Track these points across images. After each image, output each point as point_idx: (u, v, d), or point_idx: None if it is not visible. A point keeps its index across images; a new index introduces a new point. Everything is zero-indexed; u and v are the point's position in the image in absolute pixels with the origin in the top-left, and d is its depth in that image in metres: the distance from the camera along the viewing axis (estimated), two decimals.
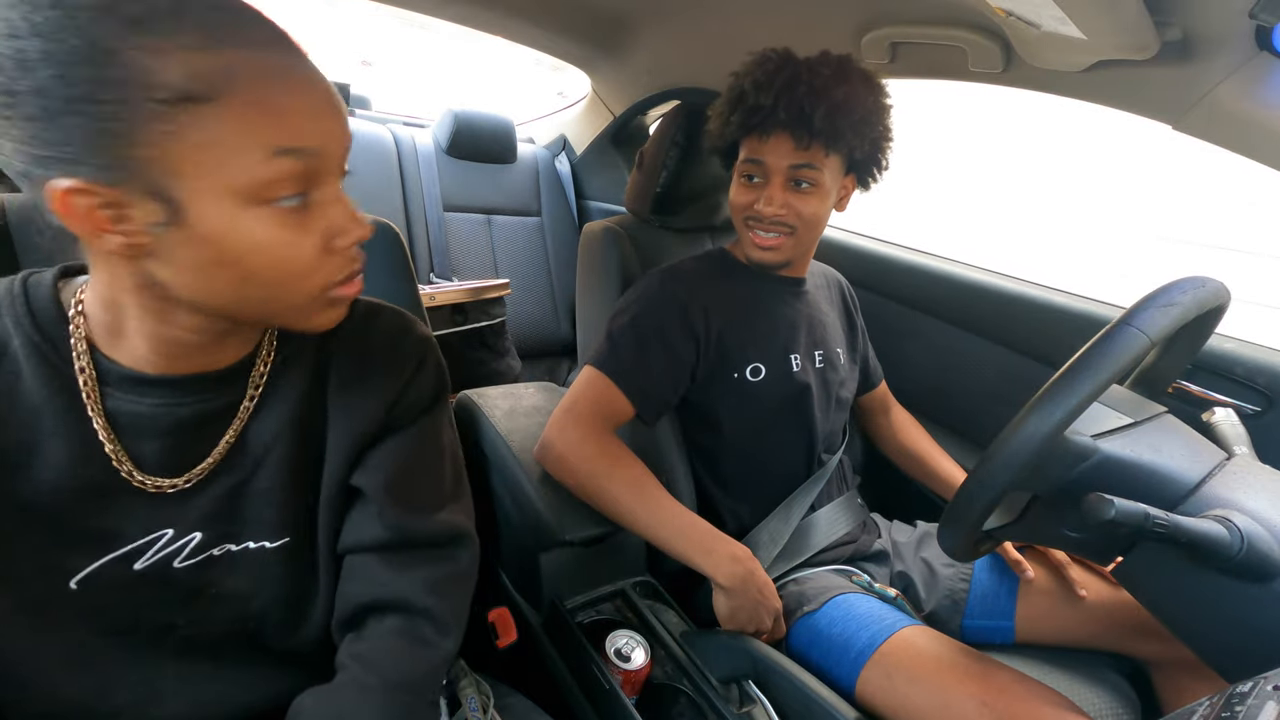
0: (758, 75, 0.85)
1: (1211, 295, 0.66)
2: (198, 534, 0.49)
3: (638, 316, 0.90)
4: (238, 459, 0.50)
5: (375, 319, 0.57)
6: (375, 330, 0.56)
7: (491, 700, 0.66)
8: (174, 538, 0.48)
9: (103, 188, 0.37)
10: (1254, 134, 0.76)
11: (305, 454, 0.53)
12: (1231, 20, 0.67)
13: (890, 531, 1.05)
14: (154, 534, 0.47)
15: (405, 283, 0.87)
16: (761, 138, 0.86)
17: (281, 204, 0.40)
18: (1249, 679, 0.42)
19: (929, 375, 1.30)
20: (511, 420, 1.03)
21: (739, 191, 0.91)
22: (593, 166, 2.03)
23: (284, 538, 0.52)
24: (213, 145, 0.37)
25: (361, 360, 0.55)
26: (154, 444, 0.47)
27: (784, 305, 0.98)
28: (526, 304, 1.94)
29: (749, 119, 0.86)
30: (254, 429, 0.50)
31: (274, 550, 0.52)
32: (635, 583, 0.92)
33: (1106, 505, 0.51)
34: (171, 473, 0.48)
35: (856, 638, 0.80)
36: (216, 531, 0.50)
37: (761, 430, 0.95)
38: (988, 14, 0.80)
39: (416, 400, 0.57)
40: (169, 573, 0.48)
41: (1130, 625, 0.85)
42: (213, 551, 0.50)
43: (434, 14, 1.57)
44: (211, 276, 0.41)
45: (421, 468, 0.58)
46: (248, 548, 0.51)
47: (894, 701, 0.75)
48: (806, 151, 0.84)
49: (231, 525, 0.50)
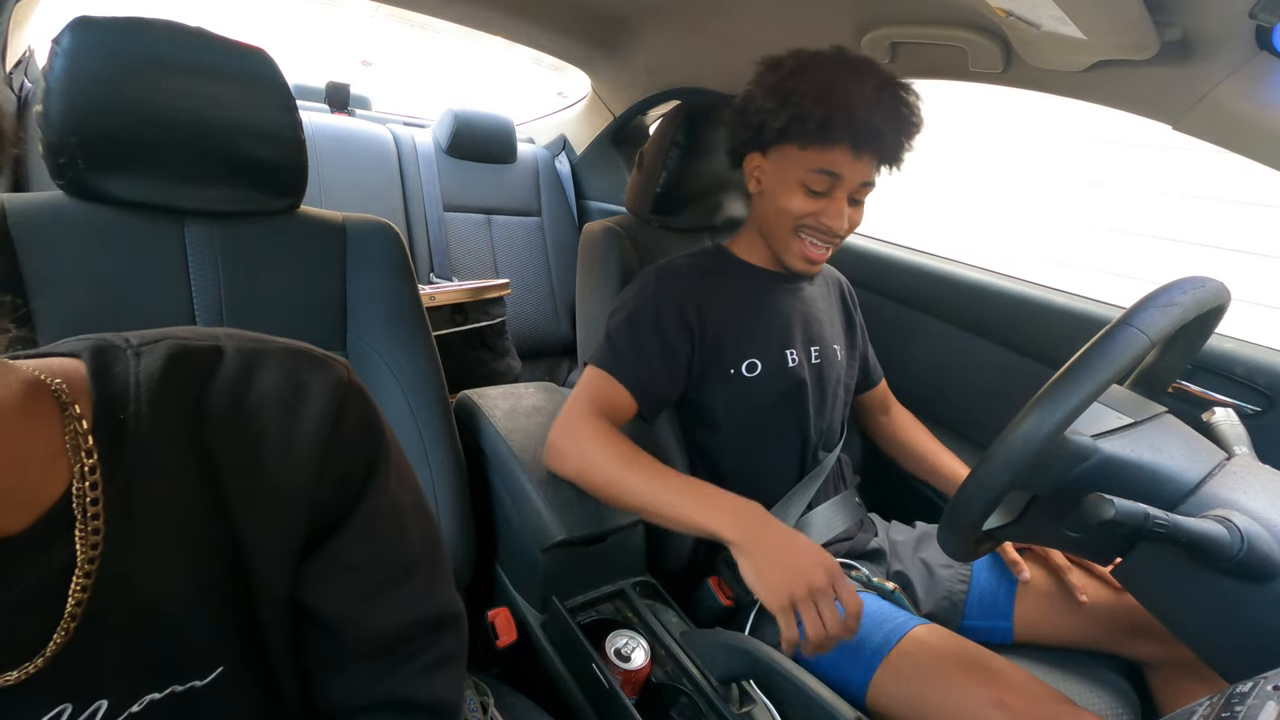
0: (868, 92, 0.80)
1: (1211, 295, 0.66)
2: (103, 701, 0.37)
3: (634, 313, 0.90)
4: (109, 622, 0.36)
5: (253, 379, 0.39)
6: (259, 394, 0.39)
7: (491, 700, 0.66)
8: (75, 712, 0.36)
9: None
10: (1254, 134, 0.76)
11: (212, 584, 0.39)
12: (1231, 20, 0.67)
13: (889, 531, 1.05)
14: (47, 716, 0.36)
15: (405, 283, 0.88)
16: (854, 154, 0.82)
17: None
18: (1249, 679, 0.42)
19: (929, 375, 1.30)
20: (511, 420, 1.03)
21: (800, 200, 0.86)
22: (593, 166, 2.03)
23: (216, 669, 0.40)
24: None
25: (251, 447, 0.39)
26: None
27: (780, 301, 0.97)
28: (526, 304, 1.94)
29: (855, 135, 0.81)
30: (116, 590, 0.36)
31: (206, 686, 0.40)
32: (635, 583, 0.92)
33: (1106, 505, 0.51)
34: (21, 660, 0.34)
35: (870, 638, 0.79)
36: (125, 691, 0.38)
37: (758, 427, 0.95)
38: (988, 14, 0.80)
39: (346, 471, 0.42)
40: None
41: (1130, 626, 0.85)
42: (133, 709, 0.38)
43: (434, 14, 1.57)
44: None
45: (380, 563, 0.45)
46: (174, 691, 0.39)
47: (907, 701, 0.74)
48: (878, 171, 0.86)
49: (141, 679, 0.39)
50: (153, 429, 0.36)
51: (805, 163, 0.85)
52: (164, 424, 0.37)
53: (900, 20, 1.00)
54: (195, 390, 0.38)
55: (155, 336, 0.39)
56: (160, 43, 0.69)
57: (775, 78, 0.86)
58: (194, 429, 0.37)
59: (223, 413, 0.38)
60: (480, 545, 0.91)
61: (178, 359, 0.38)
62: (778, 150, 0.88)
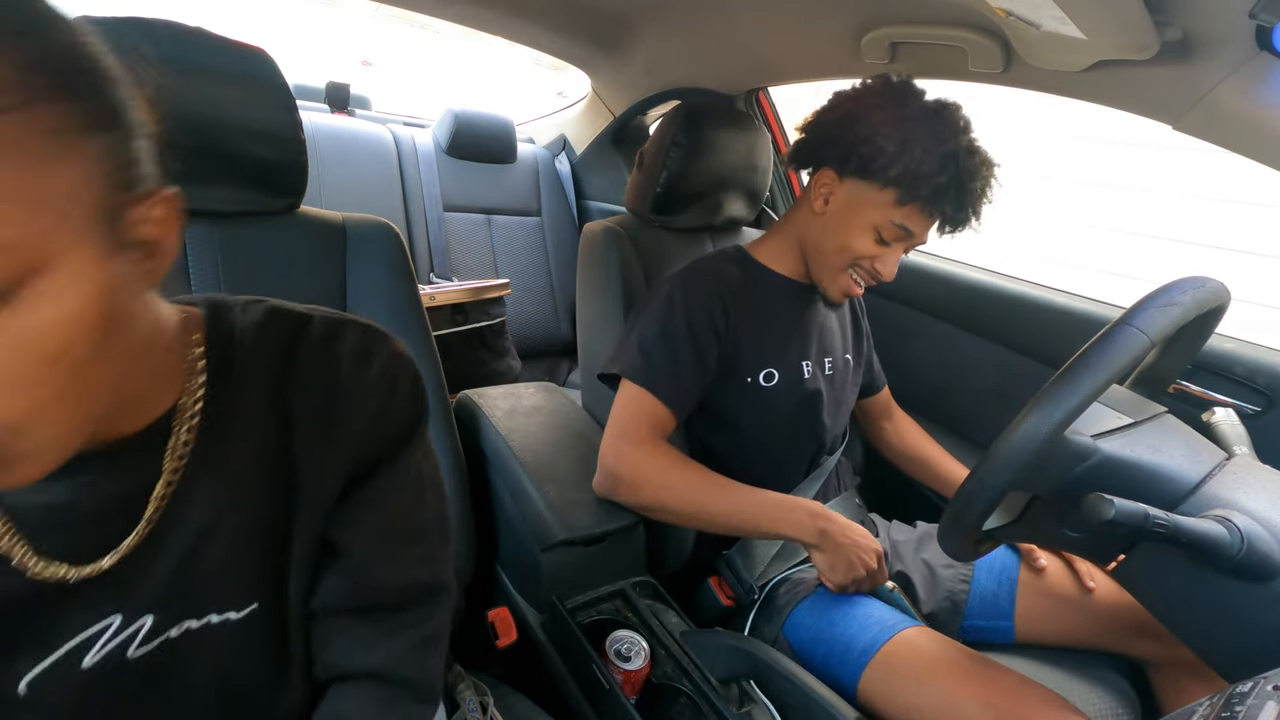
0: (968, 163, 0.80)
1: (1211, 295, 0.66)
2: (149, 617, 0.42)
3: (665, 324, 0.88)
4: (172, 535, 0.42)
5: (337, 340, 0.47)
6: (339, 354, 0.46)
7: (491, 700, 0.66)
8: (122, 625, 0.41)
9: None
10: (1254, 134, 0.76)
11: (266, 516, 0.45)
12: (1231, 20, 0.67)
13: (890, 531, 1.05)
14: (98, 625, 0.41)
15: (405, 283, 0.87)
16: (928, 215, 0.83)
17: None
18: (1249, 679, 0.42)
19: (930, 375, 1.30)
20: (512, 420, 1.03)
21: (866, 242, 0.85)
22: (593, 166, 2.03)
23: (250, 605, 0.46)
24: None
25: (327, 393, 0.46)
26: (70, 534, 0.40)
27: (799, 311, 0.97)
28: (526, 304, 1.94)
29: (955, 215, 0.83)
30: (187, 503, 0.42)
31: (240, 620, 0.45)
32: (635, 583, 0.92)
33: (1106, 505, 0.51)
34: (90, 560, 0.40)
35: (858, 638, 0.80)
36: (171, 611, 0.43)
37: (770, 435, 0.94)
38: (988, 14, 0.80)
39: (393, 433, 0.48)
40: (123, 664, 0.42)
41: (1130, 625, 0.85)
42: (170, 633, 0.43)
43: (434, 14, 1.56)
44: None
45: (400, 514, 0.51)
46: (210, 622, 0.44)
47: (896, 702, 0.75)
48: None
49: (187, 601, 0.44)
50: (250, 370, 0.44)
51: (891, 214, 0.83)
52: (259, 368, 0.44)
53: (900, 20, 1.00)
54: (287, 344, 0.45)
55: (257, 299, 0.47)
56: (160, 43, 0.69)
57: (899, 115, 0.81)
58: (282, 377, 0.45)
59: (309, 365, 0.46)
60: (480, 545, 0.91)
61: (275, 317, 0.46)
62: (864, 183, 0.84)
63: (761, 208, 1.48)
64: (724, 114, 1.12)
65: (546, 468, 0.94)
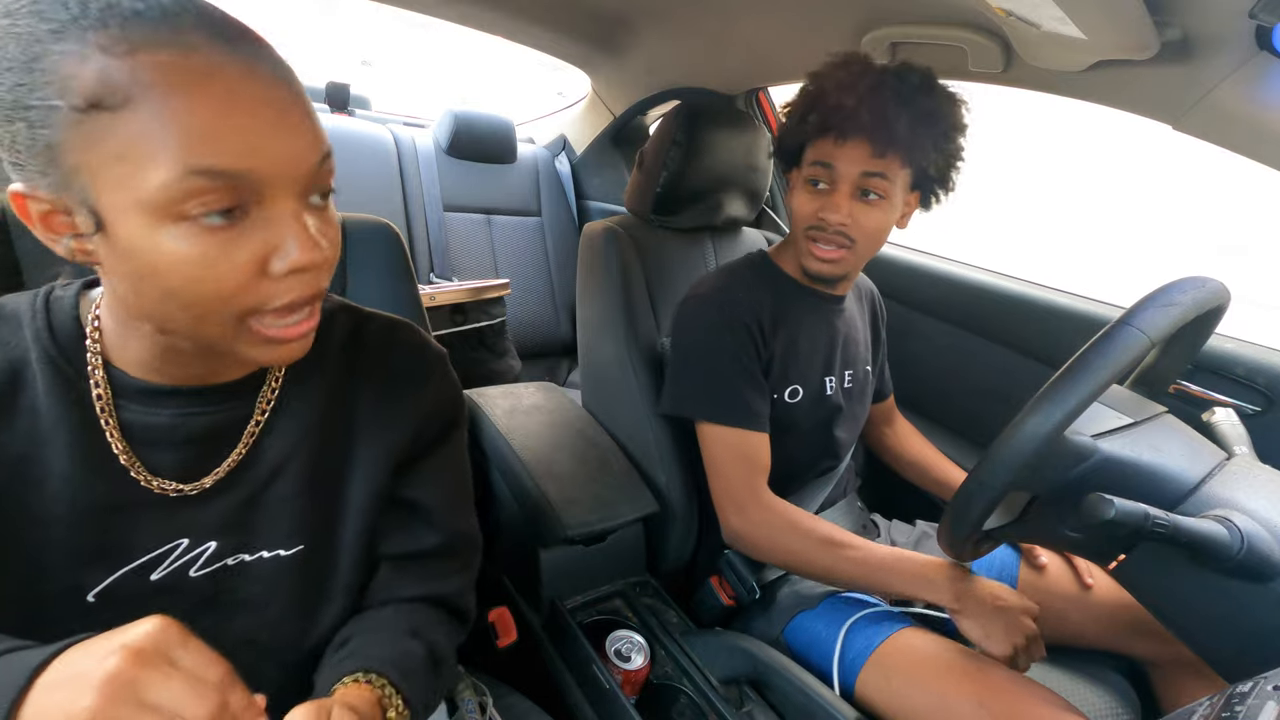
0: (841, 76, 0.81)
1: (1211, 295, 0.66)
2: (212, 543, 0.49)
3: (713, 355, 0.88)
4: (250, 471, 0.50)
5: (395, 333, 0.58)
6: (397, 345, 0.57)
7: (490, 700, 0.66)
8: (189, 547, 0.48)
9: (44, 194, 0.37)
10: (1254, 134, 0.76)
11: (325, 467, 0.53)
12: (1231, 20, 0.67)
13: (889, 531, 1.05)
14: (169, 544, 0.48)
15: (405, 283, 0.87)
16: (838, 141, 0.81)
17: (206, 220, 0.36)
18: (1249, 679, 0.42)
19: (930, 375, 1.30)
20: (511, 419, 1.03)
21: (805, 199, 0.86)
22: (593, 166, 2.03)
23: (298, 546, 0.52)
24: (123, 157, 0.35)
25: (388, 375, 0.56)
26: (167, 454, 0.47)
27: (824, 324, 0.96)
28: (526, 304, 1.93)
29: (828, 119, 0.81)
30: (266, 443, 0.50)
31: (288, 558, 0.52)
32: (635, 583, 0.92)
33: (1107, 505, 0.51)
34: (187, 479, 0.48)
35: (855, 639, 0.80)
36: (231, 541, 0.50)
37: (789, 447, 0.93)
38: (988, 14, 0.80)
39: (449, 412, 0.59)
40: (185, 582, 0.49)
41: (1130, 625, 0.85)
42: (227, 561, 0.50)
43: (434, 14, 1.57)
44: (139, 290, 0.39)
45: (460, 477, 0.62)
46: (261, 556, 0.51)
47: (892, 702, 0.75)
48: (881, 160, 0.80)
49: (245, 535, 0.50)
50: (324, 347, 0.52)
51: (807, 159, 0.86)
52: (332, 343, 0.54)
53: (900, 20, 1.00)
54: (354, 332, 0.55)
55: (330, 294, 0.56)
56: None
57: (797, 95, 0.87)
58: (351, 355, 0.55)
59: (372, 352, 0.56)
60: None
61: (344, 310, 0.56)
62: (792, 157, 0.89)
63: (762, 207, 1.48)
64: (724, 114, 1.12)
65: (546, 466, 0.94)
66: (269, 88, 0.37)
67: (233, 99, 0.36)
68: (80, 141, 0.35)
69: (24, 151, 0.36)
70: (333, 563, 0.55)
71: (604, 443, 1.03)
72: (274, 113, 0.38)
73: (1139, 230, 3.43)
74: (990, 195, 3.72)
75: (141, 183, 0.35)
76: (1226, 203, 4.45)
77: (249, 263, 0.39)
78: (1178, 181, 2.92)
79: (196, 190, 0.35)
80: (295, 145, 0.39)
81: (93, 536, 0.45)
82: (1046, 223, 5.64)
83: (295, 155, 0.39)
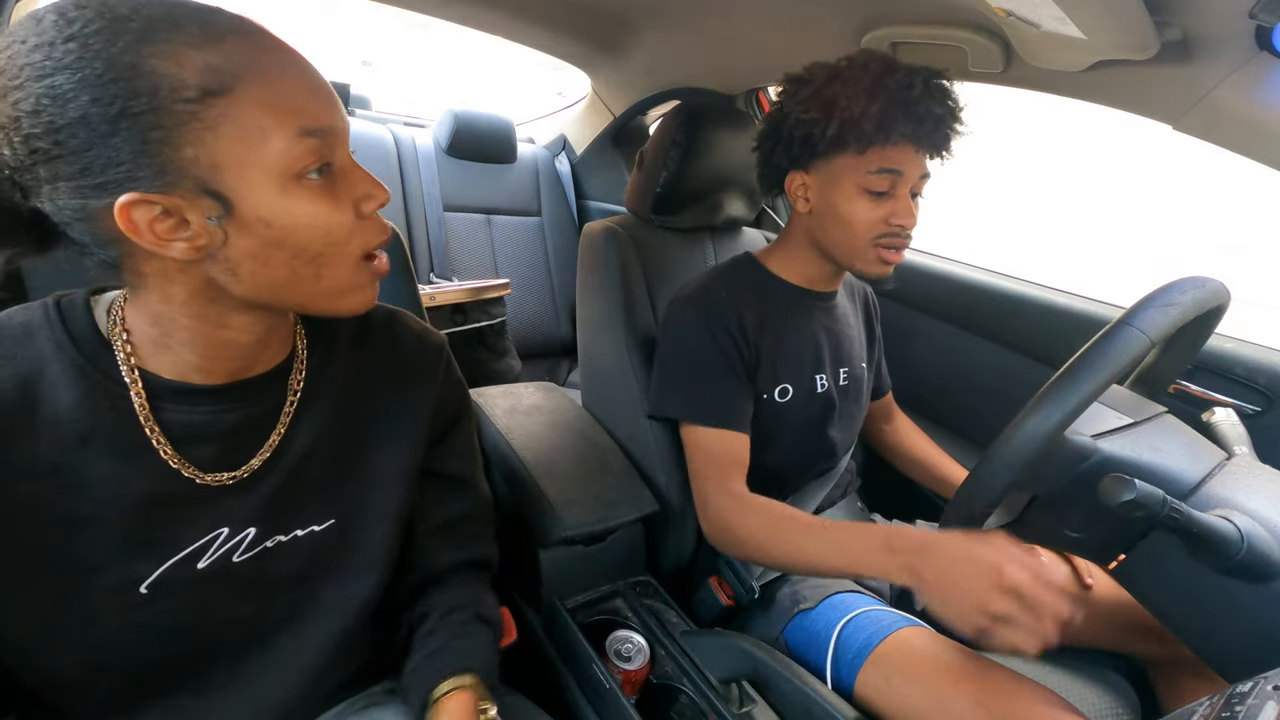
0: (915, 82, 0.78)
1: (1211, 295, 0.66)
2: (252, 529, 0.52)
3: (696, 356, 0.88)
4: (284, 457, 0.53)
5: (396, 323, 0.62)
6: (400, 332, 0.62)
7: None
8: (230, 534, 0.51)
9: (159, 196, 0.39)
10: (1254, 134, 0.76)
11: (350, 445, 0.57)
12: (1231, 20, 0.67)
13: None
14: (213, 533, 0.50)
15: (405, 283, 0.88)
16: (916, 147, 0.80)
17: (310, 178, 0.42)
18: (1249, 679, 0.42)
19: (930, 375, 1.30)
20: (511, 419, 1.03)
21: (865, 206, 0.82)
22: (593, 166, 2.03)
23: (329, 520, 0.56)
24: (243, 133, 0.39)
25: (396, 359, 0.60)
26: (208, 448, 0.50)
27: (814, 323, 0.95)
28: (526, 304, 1.94)
29: (915, 127, 0.78)
30: (298, 428, 0.54)
31: (320, 533, 0.56)
32: (635, 583, 0.92)
33: (1127, 485, 0.51)
34: (227, 470, 0.51)
35: (854, 638, 0.80)
36: (269, 525, 0.53)
37: (782, 446, 0.94)
38: (988, 14, 0.80)
39: (460, 392, 0.66)
40: (230, 568, 0.52)
41: (1130, 625, 0.85)
42: (266, 544, 0.53)
43: (434, 14, 1.57)
44: (268, 260, 0.43)
45: (476, 444, 0.70)
46: (296, 535, 0.55)
47: (891, 702, 0.75)
48: (931, 162, 0.83)
49: (282, 518, 0.54)
50: (335, 338, 0.57)
51: (862, 166, 0.81)
52: (342, 334, 0.58)
53: (900, 20, 1.00)
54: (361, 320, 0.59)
55: None
56: None
57: (809, 90, 0.82)
58: (360, 343, 0.59)
59: (379, 339, 0.60)
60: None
61: None
62: (826, 162, 0.84)
63: (761, 207, 1.48)
64: (724, 114, 1.12)
65: (546, 466, 0.94)
66: (301, 57, 0.44)
67: (300, 67, 0.43)
68: (196, 132, 0.38)
69: (129, 162, 0.38)
70: (366, 535, 0.58)
71: (604, 443, 1.03)
72: (319, 77, 0.44)
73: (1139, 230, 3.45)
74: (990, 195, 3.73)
75: (264, 154, 0.40)
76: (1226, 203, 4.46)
77: (350, 208, 0.45)
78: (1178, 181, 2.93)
79: (307, 151, 0.41)
80: (338, 104, 0.45)
81: (141, 532, 0.48)
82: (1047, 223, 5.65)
83: (343, 112, 0.46)
